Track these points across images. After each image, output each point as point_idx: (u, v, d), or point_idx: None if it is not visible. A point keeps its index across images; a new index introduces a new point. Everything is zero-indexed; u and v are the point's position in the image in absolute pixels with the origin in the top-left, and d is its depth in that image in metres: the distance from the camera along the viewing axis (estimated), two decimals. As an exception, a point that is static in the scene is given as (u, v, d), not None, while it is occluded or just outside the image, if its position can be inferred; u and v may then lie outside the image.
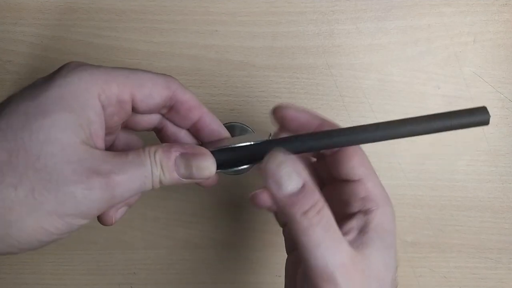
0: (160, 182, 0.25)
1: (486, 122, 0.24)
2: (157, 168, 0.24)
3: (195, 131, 0.29)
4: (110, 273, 0.42)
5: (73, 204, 0.22)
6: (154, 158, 0.24)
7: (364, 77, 0.41)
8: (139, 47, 0.41)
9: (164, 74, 0.27)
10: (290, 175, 0.23)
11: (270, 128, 0.30)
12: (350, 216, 0.27)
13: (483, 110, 0.24)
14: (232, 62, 0.41)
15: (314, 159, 0.32)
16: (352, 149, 0.28)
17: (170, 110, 0.28)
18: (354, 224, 0.26)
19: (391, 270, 0.25)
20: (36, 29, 0.40)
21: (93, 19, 0.40)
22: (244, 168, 0.28)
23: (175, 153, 0.25)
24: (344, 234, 0.25)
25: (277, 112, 0.29)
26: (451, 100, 0.41)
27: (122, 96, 0.25)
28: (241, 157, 0.27)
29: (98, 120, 0.24)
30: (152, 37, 0.40)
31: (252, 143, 0.27)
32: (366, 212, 0.26)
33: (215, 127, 0.29)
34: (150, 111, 0.27)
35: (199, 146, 0.27)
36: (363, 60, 0.41)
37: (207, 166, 0.26)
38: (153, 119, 0.29)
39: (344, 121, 0.41)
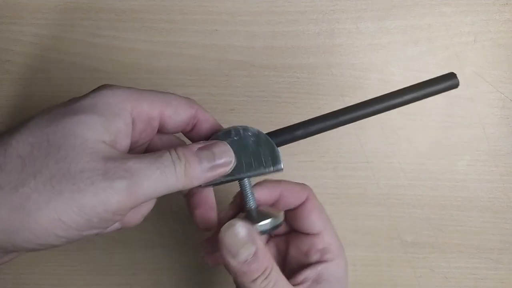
0: (186, 176, 0.24)
1: (455, 86, 0.27)
2: (180, 162, 0.24)
3: None
4: (109, 273, 0.42)
5: (91, 194, 0.22)
6: (176, 152, 0.25)
7: (364, 76, 0.41)
8: (138, 47, 0.40)
9: (186, 97, 0.28)
10: (244, 245, 0.24)
11: (269, 128, 0.30)
12: (307, 265, 0.29)
13: (452, 76, 0.27)
14: (232, 62, 0.41)
15: None
16: (311, 205, 0.30)
17: (192, 129, 0.29)
18: (309, 274, 0.29)
19: None
20: (35, 29, 0.40)
21: (93, 19, 0.40)
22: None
23: (196, 146, 0.26)
24: (300, 283, 0.28)
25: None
26: (451, 100, 0.41)
27: (152, 113, 0.26)
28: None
29: (126, 130, 0.25)
30: (152, 37, 0.40)
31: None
32: (322, 263, 0.29)
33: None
34: (176, 128, 0.28)
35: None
36: (363, 59, 0.41)
37: (227, 150, 0.27)
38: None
39: (344, 121, 0.41)
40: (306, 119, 0.28)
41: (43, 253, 0.42)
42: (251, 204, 0.28)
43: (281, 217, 0.28)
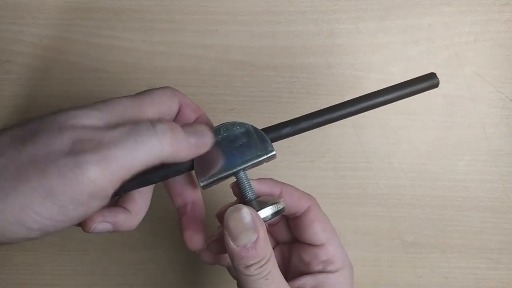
0: (172, 143, 0.23)
1: (436, 85, 0.27)
2: (164, 125, 0.23)
3: None
4: (109, 273, 0.42)
5: (57, 176, 0.20)
6: (158, 122, 0.23)
7: (364, 76, 0.41)
8: (138, 47, 0.40)
9: (165, 86, 0.28)
10: (247, 230, 0.25)
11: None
12: (309, 274, 0.29)
13: (432, 76, 0.28)
14: (232, 62, 0.41)
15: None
16: (313, 215, 0.30)
17: (177, 115, 0.29)
18: (309, 280, 0.29)
19: None
20: (35, 29, 0.40)
21: (93, 19, 0.40)
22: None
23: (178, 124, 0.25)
24: (297, 287, 0.28)
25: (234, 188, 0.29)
26: (451, 100, 0.41)
27: (154, 115, 0.26)
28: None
29: None
30: (152, 37, 0.40)
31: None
32: (324, 273, 0.29)
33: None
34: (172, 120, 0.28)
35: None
36: (363, 59, 0.41)
37: (206, 129, 0.27)
38: None
39: (344, 121, 0.41)
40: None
41: (43, 253, 0.42)
42: (250, 195, 0.28)
43: (281, 203, 0.28)
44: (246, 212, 0.25)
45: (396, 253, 0.42)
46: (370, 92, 0.28)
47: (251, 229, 0.25)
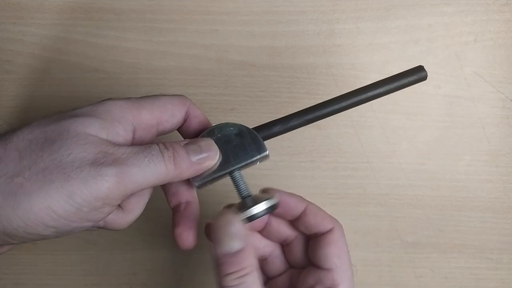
0: (175, 166, 0.25)
1: (424, 78, 0.28)
2: (168, 151, 0.25)
3: None
4: (109, 273, 0.42)
5: (80, 181, 0.22)
6: (163, 144, 0.26)
7: (364, 76, 0.41)
8: (138, 47, 0.40)
9: (178, 94, 0.29)
10: (231, 236, 0.25)
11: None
12: None
13: (420, 69, 0.28)
14: (232, 62, 0.41)
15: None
16: (332, 238, 0.29)
17: (183, 124, 0.30)
18: None
19: None
20: (35, 29, 0.40)
21: (93, 19, 0.40)
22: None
23: (182, 142, 0.27)
24: None
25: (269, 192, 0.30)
26: (452, 100, 0.41)
27: (151, 121, 0.27)
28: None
29: (125, 136, 0.26)
30: (152, 37, 0.40)
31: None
32: None
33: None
34: (172, 129, 0.29)
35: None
36: (363, 59, 0.41)
37: (211, 143, 0.28)
38: None
39: (345, 121, 0.41)
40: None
41: (43, 253, 0.42)
42: (245, 193, 0.28)
43: (275, 198, 0.28)
44: (236, 219, 0.25)
45: (396, 253, 0.42)
46: (359, 87, 0.28)
47: (236, 236, 0.25)
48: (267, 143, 0.28)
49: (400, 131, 0.41)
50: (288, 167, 0.41)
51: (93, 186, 0.22)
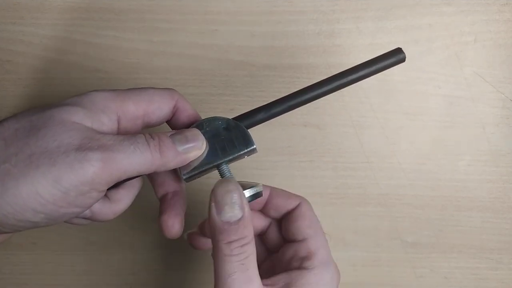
0: (161, 155, 0.25)
1: (402, 60, 0.28)
2: (154, 140, 0.25)
3: None
4: (109, 273, 0.42)
5: (66, 166, 0.22)
6: (149, 134, 0.26)
7: (364, 76, 0.41)
8: (138, 47, 0.40)
9: (167, 88, 0.30)
10: (233, 205, 0.25)
11: (269, 128, 0.30)
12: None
13: (398, 51, 0.28)
14: (232, 62, 0.41)
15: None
16: (300, 212, 0.30)
17: (172, 117, 0.30)
18: (282, 278, 0.27)
19: None
20: (35, 29, 0.40)
21: (92, 19, 0.40)
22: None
23: (169, 132, 0.27)
24: (269, 285, 0.26)
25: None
26: (452, 100, 0.41)
27: (137, 112, 0.27)
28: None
29: (110, 125, 0.26)
30: (152, 37, 0.40)
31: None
32: (298, 269, 0.27)
33: None
34: (160, 121, 0.29)
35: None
36: (363, 59, 0.40)
37: (198, 133, 0.27)
38: None
39: (345, 121, 0.41)
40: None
41: (43, 253, 0.42)
42: None
43: (260, 186, 0.28)
44: (236, 187, 0.25)
45: (396, 253, 0.42)
46: (339, 71, 0.29)
47: (237, 204, 0.25)
48: (254, 134, 0.29)
49: (400, 131, 0.41)
50: (288, 167, 0.41)
51: (79, 170, 0.23)
